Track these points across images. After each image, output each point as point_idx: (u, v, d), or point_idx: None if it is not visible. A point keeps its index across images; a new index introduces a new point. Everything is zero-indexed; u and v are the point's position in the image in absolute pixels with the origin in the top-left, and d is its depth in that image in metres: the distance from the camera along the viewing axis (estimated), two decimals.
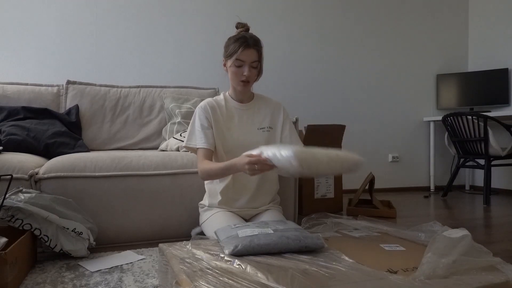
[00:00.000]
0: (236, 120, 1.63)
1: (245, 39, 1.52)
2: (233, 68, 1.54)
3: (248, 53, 1.51)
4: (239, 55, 1.51)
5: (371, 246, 1.16)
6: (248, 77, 1.53)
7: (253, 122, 1.65)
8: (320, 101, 3.66)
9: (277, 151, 1.21)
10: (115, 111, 2.56)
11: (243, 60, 1.52)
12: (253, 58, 1.53)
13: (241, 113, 1.65)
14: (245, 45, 1.51)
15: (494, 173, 3.84)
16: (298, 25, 3.60)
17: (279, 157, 1.20)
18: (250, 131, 1.63)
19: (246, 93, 1.65)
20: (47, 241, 1.52)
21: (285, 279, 0.86)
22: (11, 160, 1.72)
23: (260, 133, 1.64)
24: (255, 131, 1.63)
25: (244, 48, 1.51)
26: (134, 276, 1.39)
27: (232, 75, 1.56)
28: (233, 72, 1.55)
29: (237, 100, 1.66)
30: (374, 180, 2.73)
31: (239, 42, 1.52)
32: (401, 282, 0.86)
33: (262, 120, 1.66)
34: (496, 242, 1.94)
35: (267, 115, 1.67)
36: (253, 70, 1.55)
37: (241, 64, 1.53)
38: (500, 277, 0.92)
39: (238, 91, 1.62)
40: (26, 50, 2.89)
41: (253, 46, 1.52)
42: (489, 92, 3.74)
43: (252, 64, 1.53)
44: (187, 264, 0.98)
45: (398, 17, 3.92)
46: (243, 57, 1.51)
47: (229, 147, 1.60)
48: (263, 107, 1.68)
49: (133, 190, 1.84)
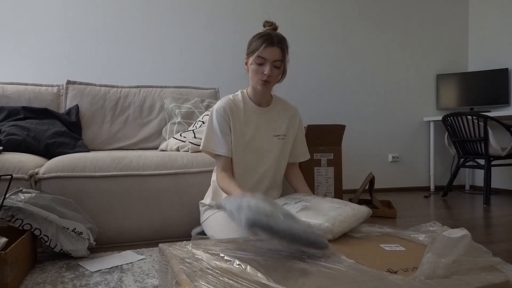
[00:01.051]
0: (253, 124, 1.56)
1: (269, 36, 1.45)
2: (254, 65, 1.47)
3: (271, 50, 1.44)
4: (261, 52, 1.43)
5: (371, 246, 1.16)
6: (269, 76, 1.46)
7: (270, 128, 1.59)
8: (320, 101, 3.66)
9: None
10: (115, 111, 2.56)
11: (265, 57, 1.44)
12: (276, 56, 1.45)
13: (259, 118, 1.58)
14: (268, 42, 1.43)
15: (494, 173, 3.84)
16: (298, 25, 3.60)
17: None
18: (266, 137, 1.58)
19: (266, 94, 1.58)
20: (47, 241, 1.52)
21: (285, 279, 0.86)
22: (11, 160, 1.72)
23: (275, 140, 1.59)
24: (270, 138, 1.59)
25: (267, 45, 1.43)
26: (134, 276, 1.39)
27: (252, 73, 1.49)
28: (254, 70, 1.47)
29: (255, 102, 1.58)
30: (374, 180, 2.73)
31: (263, 39, 1.44)
32: (401, 282, 0.86)
33: (278, 127, 1.60)
34: (496, 242, 1.94)
35: (284, 122, 1.62)
36: (275, 70, 1.47)
37: (263, 62, 1.45)
38: (500, 277, 0.92)
39: (258, 91, 1.55)
40: (26, 50, 2.89)
41: (277, 44, 1.44)
42: (489, 92, 3.74)
43: (274, 64, 1.46)
44: (187, 264, 0.98)
45: (398, 17, 3.92)
46: (265, 55, 1.44)
47: (240, 151, 1.55)
48: (281, 112, 1.63)
49: (133, 190, 1.84)
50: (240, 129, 1.55)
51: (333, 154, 2.77)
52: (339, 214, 1.24)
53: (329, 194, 2.75)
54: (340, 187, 2.78)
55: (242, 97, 1.59)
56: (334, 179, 2.77)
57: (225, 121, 1.53)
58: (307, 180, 2.69)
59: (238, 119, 1.55)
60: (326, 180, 2.74)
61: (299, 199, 1.41)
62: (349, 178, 3.64)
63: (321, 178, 2.73)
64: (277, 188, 1.69)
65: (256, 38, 1.48)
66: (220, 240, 1.23)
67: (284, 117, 1.63)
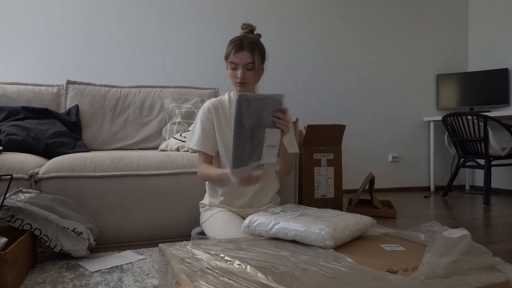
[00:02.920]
0: None
1: (240, 41, 1.52)
2: (229, 70, 1.57)
3: (241, 55, 1.51)
4: (232, 57, 1.53)
5: (371, 246, 1.16)
6: (243, 79, 1.53)
7: None
8: (320, 100, 3.66)
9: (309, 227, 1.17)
10: (115, 111, 2.56)
11: (236, 62, 1.53)
12: (246, 60, 1.51)
13: None
14: (237, 47, 1.51)
15: (494, 173, 3.84)
16: (298, 24, 3.60)
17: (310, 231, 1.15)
18: None
19: None
20: (47, 241, 1.52)
21: (285, 279, 0.86)
22: (11, 160, 1.72)
23: None
24: None
25: (236, 50, 1.51)
26: (134, 276, 1.39)
27: (230, 77, 1.58)
28: (230, 74, 1.57)
29: None
30: (374, 180, 2.73)
31: (233, 44, 1.53)
32: (401, 282, 0.86)
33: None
34: (496, 242, 1.94)
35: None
36: (248, 72, 1.53)
37: (235, 67, 1.54)
38: (500, 277, 0.92)
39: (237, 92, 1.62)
40: (26, 50, 2.89)
41: (246, 48, 1.51)
42: (489, 92, 3.74)
43: (246, 66, 1.52)
44: (187, 264, 0.98)
45: (398, 17, 3.92)
46: (235, 60, 1.52)
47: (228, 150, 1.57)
48: None
49: (133, 190, 1.84)
50: (227, 125, 1.61)
51: (333, 154, 2.77)
52: (341, 220, 1.19)
53: (329, 194, 2.75)
54: (340, 187, 2.78)
55: (228, 98, 1.68)
56: (334, 179, 2.77)
57: (208, 118, 1.61)
58: (307, 180, 2.70)
59: (224, 116, 1.63)
60: (326, 180, 2.74)
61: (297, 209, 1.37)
62: (349, 178, 3.64)
63: (321, 178, 2.73)
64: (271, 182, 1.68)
65: (228, 44, 1.56)
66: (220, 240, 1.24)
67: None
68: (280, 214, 1.29)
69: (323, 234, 1.10)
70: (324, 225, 1.13)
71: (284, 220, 1.22)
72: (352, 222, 1.20)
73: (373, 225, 1.30)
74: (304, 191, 2.67)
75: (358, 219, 1.24)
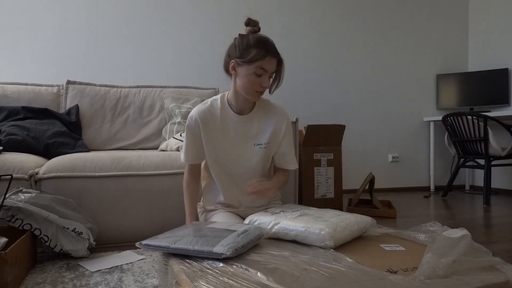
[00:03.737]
0: (230, 133, 1.49)
1: (272, 46, 1.37)
2: (252, 76, 1.36)
3: (272, 62, 1.37)
4: (263, 63, 1.34)
5: (371, 246, 1.16)
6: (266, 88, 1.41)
7: (249, 137, 1.50)
8: (320, 100, 3.66)
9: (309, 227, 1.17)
10: (115, 111, 2.57)
11: (266, 69, 1.35)
12: (274, 68, 1.40)
13: (237, 126, 1.49)
14: (272, 53, 1.35)
15: (494, 173, 3.84)
16: (298, 24, 3.60)
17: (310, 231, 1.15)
18: (245, 146, 1.50)
19: (251, 102, 1.50)
20: (47, 241, 1.52)
21: (285, 279, 0.86)
22: (11, 160, 1.72)
23: (255, 149, 1.50)
24: (251, 147, 1.50)
25: (271, 56, 1.35)
26: (134, 276, 1.39)
27: (248, 84, 1.38)
28: (250, 80, 1.36)
29: (236, 109, 1.49)
30: (374, 180, 2.73)
31: (264, 49, 1.34)
32: (401, 282, 0.86)
33: (261, 136, 1.51)
34: (496, 242, 1.94)
35: (268, 129, 1.51)
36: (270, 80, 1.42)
37: (262, 73, 1.36)
38: (500, 277, 0.92)
39: (243, 100, 1.47)
40: (26, 50, 2.89)
41: (276, 55, 1.38)
42: (489, 92, 3.74)
43: (271, 74, 1.41)
44: (187, 264, 0.98)
45: (398, 17, 3.92)
46: (267, 66, 1.35)
47: (220, 160, 1.51)
48: (264, 118, 1.52)
49: (133, 190, 1.84)
50: (216, 136, 1.49)
51: (333, 154, 2.77)
52: (341, 220, 1.19)
53: (329, 194, 2.75)
54: (340, 187, 2.78)
55: (221, 104, 1.50)
56: (334, 179, 2.77)
57: (194, 130, 1.49)
58: (307, 180, 2.70)
59: (214, 127, 1.48)
60: (326, 180, 2.74)
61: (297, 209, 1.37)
62: (349, 178, 3.64)
63: (321, 178, 2.73)
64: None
65: (253, 45, 1.35)
66: None
67: (267, 124, 1.52)
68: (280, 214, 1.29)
69: (323, 234, 1.11)
70: (324, 225, 1.14)
71: (284, 220, 1.22)
72: (352, 222, 1.20)
73: (373, 225, 1.30)
74: (304, 191, 2.67)
75: (358, 219, 1.24)
